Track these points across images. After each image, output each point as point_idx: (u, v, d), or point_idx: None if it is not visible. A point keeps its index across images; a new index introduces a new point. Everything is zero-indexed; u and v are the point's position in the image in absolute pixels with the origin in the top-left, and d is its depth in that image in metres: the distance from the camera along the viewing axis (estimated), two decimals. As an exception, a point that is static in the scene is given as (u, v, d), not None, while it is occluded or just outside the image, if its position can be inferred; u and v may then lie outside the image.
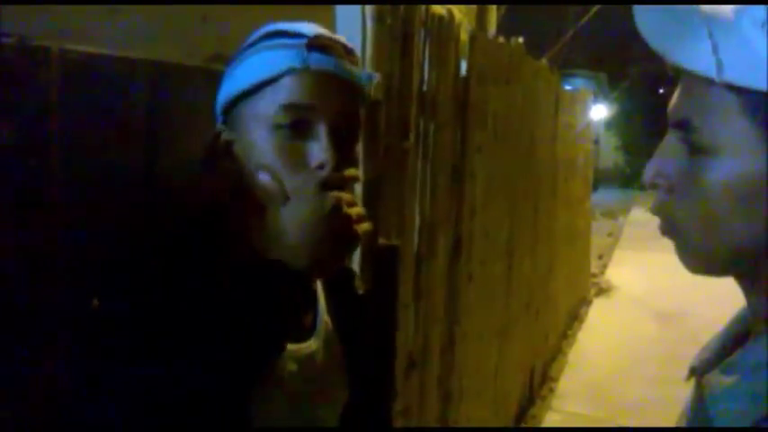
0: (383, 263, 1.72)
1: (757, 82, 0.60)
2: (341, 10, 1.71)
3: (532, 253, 4.02)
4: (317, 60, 0.88)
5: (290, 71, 0.87)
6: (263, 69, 0.88)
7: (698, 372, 0.74)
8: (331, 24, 1.74)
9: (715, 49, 0.61)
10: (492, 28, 6.45)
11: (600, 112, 15.33)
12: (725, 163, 0.63)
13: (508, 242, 3.36)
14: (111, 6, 1.12)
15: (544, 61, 4.42)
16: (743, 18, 0.62)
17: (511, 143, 3.30)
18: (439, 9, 2.14)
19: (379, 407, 1.74)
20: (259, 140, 0.88)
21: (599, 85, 17.83)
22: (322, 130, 0.87)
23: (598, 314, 6.42)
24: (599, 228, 10.11)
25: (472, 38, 2.48)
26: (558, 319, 5.21)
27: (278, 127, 0.87)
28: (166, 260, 0.88)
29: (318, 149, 0.86)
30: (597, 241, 8.63)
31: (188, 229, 0.95)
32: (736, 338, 0.74)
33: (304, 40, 0.88)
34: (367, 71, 0.91)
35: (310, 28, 0.91)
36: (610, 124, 18.89)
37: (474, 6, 6.10)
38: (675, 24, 0.64)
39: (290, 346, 0.92)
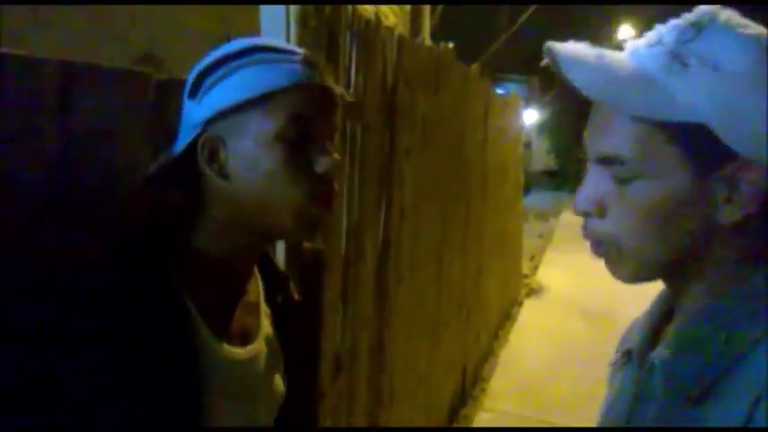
0: (307, 267, 1.72)
1: (677, 116, 0.69)
2: (265, 10, 1.70)
3: (463, 255, 4.06)
4: (315, 76, 0.94)
5: (296, 86, 0.91)
6: (266, 82, 0.91)
7: (636, 353, 0.84)
8: (255, 26, 1.72)
9: (646, 92, 0.71)
10: (426, 32, 6.52)
11: (532, 116, 15.62)
12: (654, 184, 0.72)
13: (439, 245, 3.39)
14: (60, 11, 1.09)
15: (475, 66, 4.48)
16: (661, 69, 0.72)
17: (440, 147, 3.33)
18: (367, 11, 2.15)
19: (305, 407, 1.74)
20: (259, 151, 0.91)
21: (531, 89, 18.20)
22: (322, 140, 0.94)
23: (529, 314, 6.55)
24: (530, 229, 10.31)
25: (399, 42, 2.49)
26: (489, 319, 5.29)
27: (282, 138, 0.91)
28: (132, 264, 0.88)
29: (322, 157, 0.93)
30: (529, 243, 8.80)
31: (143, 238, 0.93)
32: (661, 319, 0.84)
33: (299, 56, 0.93)
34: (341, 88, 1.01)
35: (288, 45, 0.97)
36: (542, 128, 19.25)
37: (408, 10, 6.16)
38: (606, 73, 0.73)
39: (237, 349, 0.97)
